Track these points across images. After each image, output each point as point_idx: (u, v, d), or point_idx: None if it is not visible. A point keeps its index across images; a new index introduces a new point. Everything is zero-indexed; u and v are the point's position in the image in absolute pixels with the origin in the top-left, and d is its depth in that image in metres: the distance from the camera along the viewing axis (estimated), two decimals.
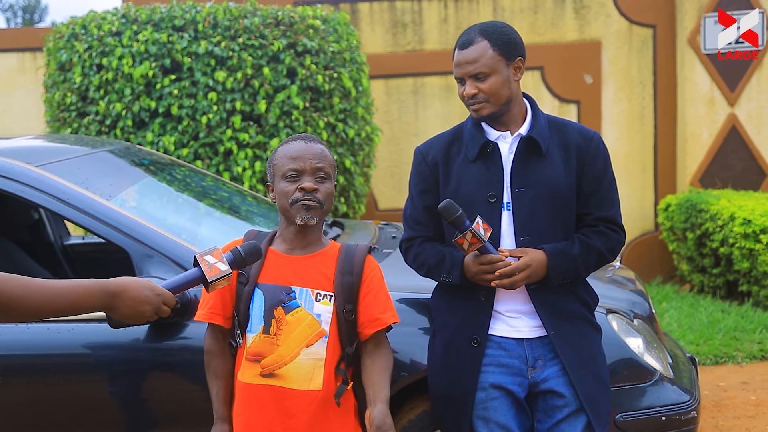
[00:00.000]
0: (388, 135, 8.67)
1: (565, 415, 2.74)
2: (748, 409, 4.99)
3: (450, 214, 2.63)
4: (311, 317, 2.64)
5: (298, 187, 2.63)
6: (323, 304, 2.65)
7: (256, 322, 2.64)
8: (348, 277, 2.69)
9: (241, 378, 2.65)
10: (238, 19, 6.60)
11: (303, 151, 2.67)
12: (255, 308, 2.64)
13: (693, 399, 3.27)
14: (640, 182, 8.81)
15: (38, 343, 3.16)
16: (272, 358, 2.62)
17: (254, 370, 2.63)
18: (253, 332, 2.64)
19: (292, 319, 2.62)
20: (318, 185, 2.65)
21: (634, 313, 3.46)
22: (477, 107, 2.75)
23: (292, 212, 2.65)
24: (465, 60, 2.74)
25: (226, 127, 6.45)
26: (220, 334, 2.72)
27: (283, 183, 2.66)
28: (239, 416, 2.66)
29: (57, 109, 6.87)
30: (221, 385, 2.70)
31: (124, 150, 4.18)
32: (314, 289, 2.66)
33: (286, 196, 2.64)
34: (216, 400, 2.70)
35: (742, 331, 6.41)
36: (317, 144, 2.71)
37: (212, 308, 2.68)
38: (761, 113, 8.41)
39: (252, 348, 2.63)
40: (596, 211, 2.81)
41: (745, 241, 6.85)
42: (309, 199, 2.62)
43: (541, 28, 8.76)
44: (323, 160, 2.68)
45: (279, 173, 2.67)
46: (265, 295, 2.64)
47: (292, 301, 2.64)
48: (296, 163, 2.65)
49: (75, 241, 5.23)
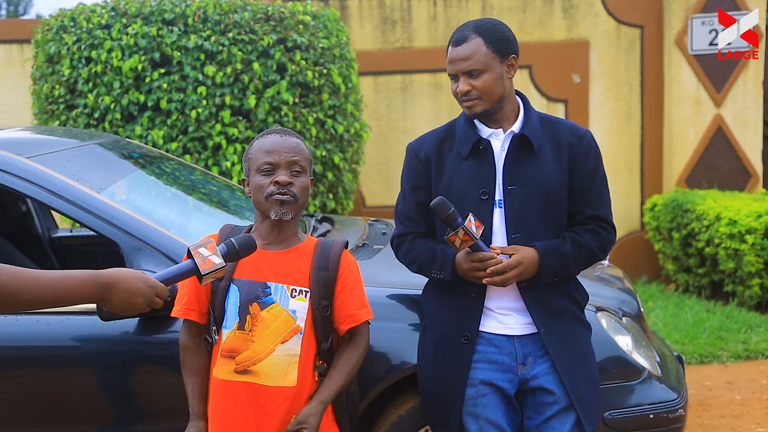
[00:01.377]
0: (376, 132, 8.68)
1: (555, 412, 2.76)
2: (733, 408, 5.02)
3: (442, 212, 2.64)
4: (286, 313, 2.63)
5: (272, 180, 2.62)
6: (299, 300, 2.65)
7: (231, 317, 2.63)
8: (324, 272, 2.68)
9: (216, 374, 2.65)
10: (228, 14, 6.59)
11: (278, 144, 2.65)
12: (230, 304, 2.64)
13: (680, 397, 3.28)
14: (627, 182, 8.85)
15: (27, 336, 3.14)
16: (247, 354, 2.61)
17: (229, 366, 2.62)
18: (228, 328, 2.63)
19: (268, 315, 2.62)
20: (293, 179, 2.64)
21: (622, 311, 3.47)
22: (470, 104, 2.75)
23: (266, 206, 2.63)
24: (459, 57, 2.73)
25: (216, 122, 6.43)
26: (195, 330, 2.71)
27: (258, 177, 2.64)
28: (214, 413, 2.65)
29: (45, 102, 6.83)
30: (197, 381, 2.70)
31: (114, 143, 4.17)
32: (290, 285, 2.65)
33: (261, 190, 2.63)
34: (192, 397, 2.69)
35: (727, 330, 6.44)
36: (292, 137, 2.69)
37: (188, 304, 2.67)
38: (747, 114, 8.46)
39: (227, 344, 2.63)
40: (587, 209, 2.82)
41: (730, 242, 6.89)
42: (284, 193, 2.61)
43: (529, 27, 8.78)
44: (298, 153, 2.67)
45: (254, 167, 2.66)
46: (240, 291, 2.63)
47: (268, 297, 2.63)
48: (271, 156, 2.64)
49: (63, 234, 5.21)
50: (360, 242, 3.92)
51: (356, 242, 3.90)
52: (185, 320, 2.71)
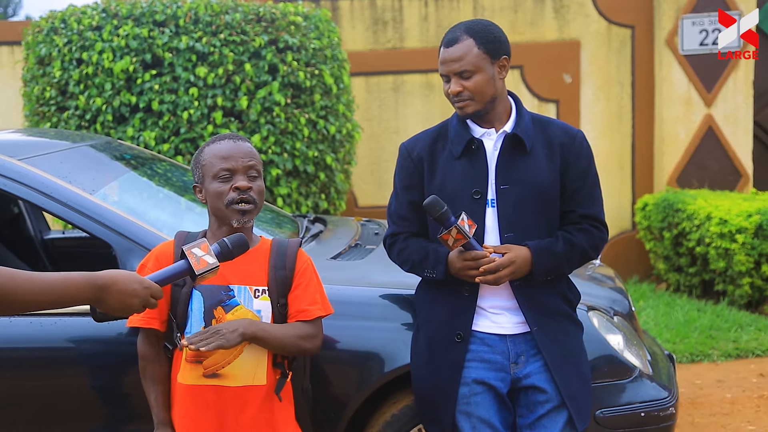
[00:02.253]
0: (368, 132, 8.68)
1: (547, 410, 2.77)
2: (724, 406, 5.04)
3: (435, 211, 2.65)
4: (251, 314, 2.65)
5: (232, 186, 2.64)
6: (262, 299, 2.67)
7: (195, 323, 2.64)
8: (281, 271, 2.71)
9: (182, 380, 2.66)
10: (220, 15, 6.59)
11: (233, 150, 2.68)
12: (194, 310, 2.65)
13: (671, 395, 3.30)
14: (618, 181, 8.88)
15: (21, 337, 3.14)
16: (214, 359, 2.62)
17: (196, 371, 2.63)
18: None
19: (233, 318, 2.63)
20: (251, 183, 2.66)
21: (614, 310, 3.49)
22: (462, 105, 2.77)
23: (227, 214, 2.66)
24: (450, 58, 2.74)
25: (207, 123, 6.43)
26: (154, 339, 2.72)
27: (216, 183, 2.66)
28: (183, 418, 2.66)
29: (36, 104, 6.82)
30: (159, 389, 2.71)
31: (105, 144, 4.17)
32: (252, 286, 2.67)
33: (221, 197, 2.65)
34: (155, 405, 2.70)
35: (718, 329, 6.47)
36: (245, 142, 2.72)
37: (148, 313, 2.65)
38: (737, 114, 8.49)
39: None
40: (580, 208, 2.84)
41: (721, 241, 6.92)
42: (246, 201, 2.64)
43: (520, 27, 8.80)
44: (253, 157, 2.70)
45: (209, 174, 2.68)
46: (203, 296, 2.65)
47: (232, 299, 2.65)
48: (228, 162, 2.66)
49: (55, 236, 5.20)
50: (353, 242, 3.93)
51: (349, 242, 3.91)
52: (144, 329, 2.71)
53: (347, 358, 3.13)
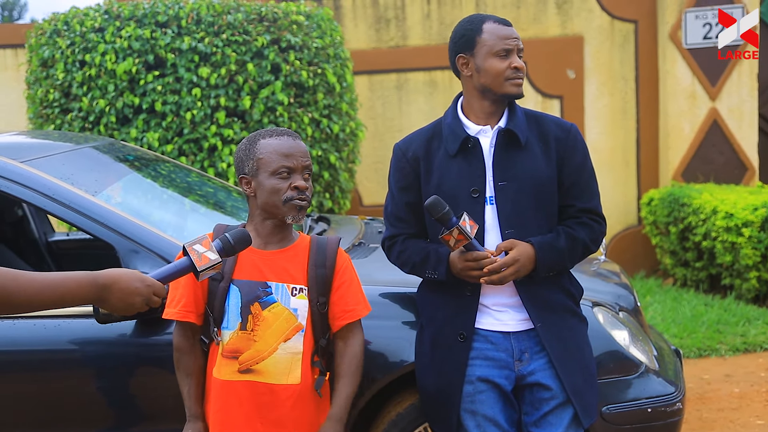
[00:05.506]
0: (372, 131, 8.68)
1: (552, 407, 2.76)
2: (732, 401, 5.03)
3: (437, 211, 2.63)
4: (288, 312, 2.64)
5: (290, 185, 2.63)
6: (299, 298, 2.66)
7: (232, 318, 2.64)
8: (321, 269, 2.70)
9: (218, 375, 2.65)
10: (222, 15, 6.59)
11: (294, 148, 2.67)
12: (231, 305, 2.64)
13: (678, 391, 3.29)
14: (623, 177, 8.86)
15: (24, 339, 3.14)
16: (249, 354, 2.62)
17: (232, 366, 2.63)
18: (230, 329, 2.64)
19: (269, 315, 2.63)
20: (307, 183, 2.67)
21: (619, 305, 3.48)
22: (520, 81, 2.79)
23: (282, 210, 2.64)
24: (513, 35, 2.78)
25: (211, 123, 6.43)
26: (190, 332, 2.71)
27: (274, 179, 2.64)
28: (217, 413, 2.65)
29: (40, 106, 6.83)
30: (193, 383, 2.71)
31: (109, 146, 4.17)
32: (290, 284, 2.66)
33: (278, 194, 2.63)
34: (188, 398, 2.70)
35: (725, 324, 6.45)
36: (301, 141, 2.72)
37: (185, 306, 2.66)
38: (742, 107, 8.47)
39: (229, 345, 2.63)
40: (578, 202, 2.83)
41: (727, 235, 6.89)
42: (303, 199, 2.64)
43: (523, 23, 8.78)
44: (309, 158, 2.70)
45: (268, 169, 2.65)
46: (241, 292, 2.64)
47: (269, 296, 2.64)
48: (289, 160, 2.64)
49: (59, 238, 5.21)
50: (356, 241, 3.92)
51: (352, 241, 3.90)
52: (180, 322, 2.70)
53: None
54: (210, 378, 2.69)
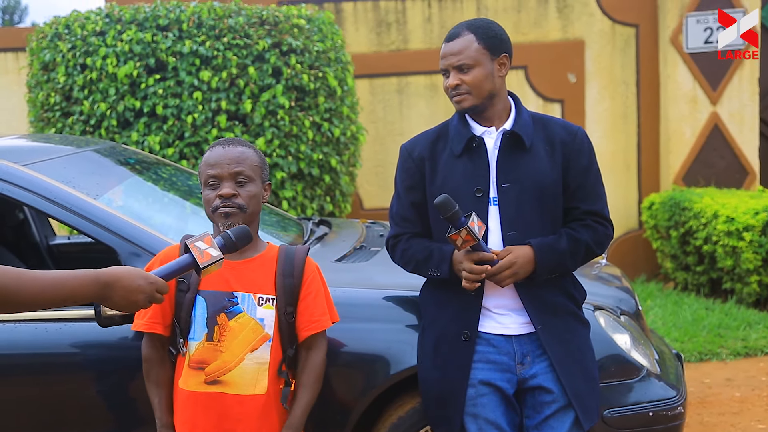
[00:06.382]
0: (373, 134, 8.68)
1: (554, 410, 2.76)
2: (733, 405, 5.02)
3: (447, 210, 2.62)
4: (254, 322, 2.65)
5: (217, 194, 2.65)
6: (266, 308, 2.67)
7: (198, 329, 2.65)
8: (289, 279, 2.70)
9: (184, 386, 2.66)
10: (223, 19, 6.59)
11: (221, 156, 2.68)
12: (197, 315, 2.65)
13: (679, 395, 3.28)
14: (624, 181, 8.86)
15: (26, 342, 3.14)
16: (216, 365, 2.62)
17: (198, 377, 2.64)
18: (196, 339, 2.65)
19: (236, 325, 2.63)
20: (238, 189, 2.66)
21: (620, 309, 3.47)
22: (459, 99, 2.77)
23: (214, 219, 2.68)
24: (450, 52, 2.76)
25: (212, 127, 6.43)
26: (158, 343, 2.73)
27: (206, 191, 2.69)
28: (183, 425, 2.67)
29: (41, 109, 6.84)
30: (163, 393, 2.72)
31: (110, 149, 4.17)
32: (256, 294, 2.67)
33: (209, 204, 2.67)
34: (158, 408, 2.72)
35: (726, 328, 6.45)
36: (236, 147, 2.71)
37: (152, 318, 2.68)
38: (743, 112, 8.47)
39: (195, 355, 2.64)
40: (583, 204, 2.83)
41: (728, 239, 6.89)
42: (227, 206, 2.64)
43: (524, 27, 8.79)
44: (241, 163, 2.68)
45: (202, 181, 2.71)
46: (207, 302, 2.65)
47: (235, 306, 2.65)
48: (214, 169, 2.66)
49: (60, 241, 5.21)
50: (357, 244, 3.92)
51: (354, 244, 3.90)
52: (148, 333, 2.72)
53: (353, 360, 3.11)
54: (177, 389, 2.70)
